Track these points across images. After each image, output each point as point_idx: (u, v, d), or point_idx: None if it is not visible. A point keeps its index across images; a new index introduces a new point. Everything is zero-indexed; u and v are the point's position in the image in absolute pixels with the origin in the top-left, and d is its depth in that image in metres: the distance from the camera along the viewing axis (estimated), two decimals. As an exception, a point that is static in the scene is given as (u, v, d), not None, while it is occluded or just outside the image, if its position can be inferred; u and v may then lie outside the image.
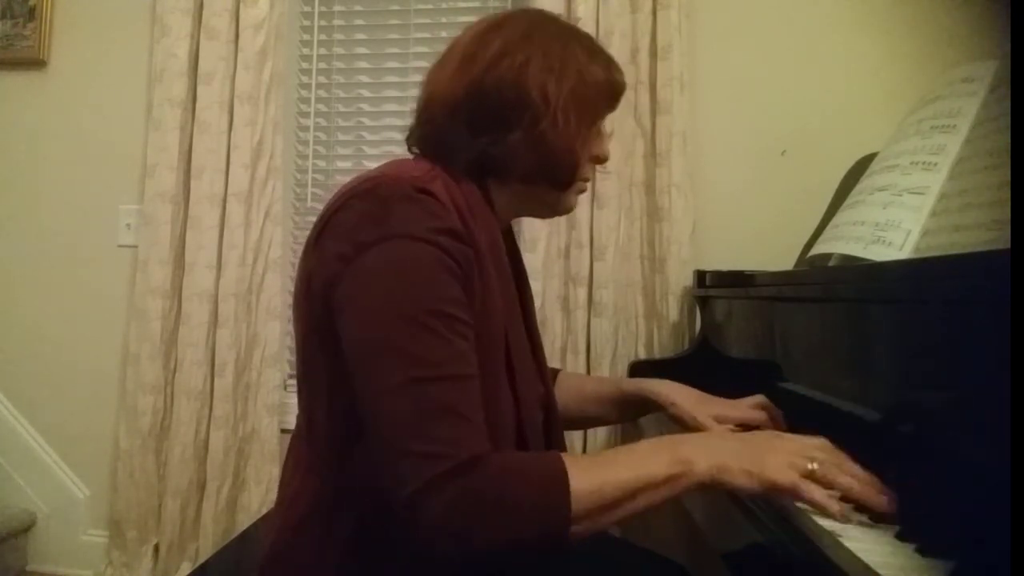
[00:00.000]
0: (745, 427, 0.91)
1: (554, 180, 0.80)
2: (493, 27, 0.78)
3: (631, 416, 1.06)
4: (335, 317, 0.65)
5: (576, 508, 0.58)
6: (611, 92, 0.82)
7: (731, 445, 0.65)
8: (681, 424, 0.93)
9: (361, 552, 0.67)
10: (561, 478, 0.59)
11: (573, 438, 1.65)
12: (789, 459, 0.62)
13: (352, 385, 0.63)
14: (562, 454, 0.62)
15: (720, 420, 0.91)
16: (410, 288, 0.62)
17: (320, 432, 0.71)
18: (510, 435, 0.72)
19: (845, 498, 0.61)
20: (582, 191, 0.86)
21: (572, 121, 0.76)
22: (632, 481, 0.61)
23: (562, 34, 0.79)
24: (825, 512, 0.60)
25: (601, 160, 0.85)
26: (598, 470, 0.61)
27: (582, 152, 0.80)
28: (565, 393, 1.00)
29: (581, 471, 0.60)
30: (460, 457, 0.57)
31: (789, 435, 0.67)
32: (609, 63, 0.81)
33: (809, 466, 0.61)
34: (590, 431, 1.65)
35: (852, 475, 0.62)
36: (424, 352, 0.60)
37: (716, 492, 0.68)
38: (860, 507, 0.61)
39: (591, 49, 0.80)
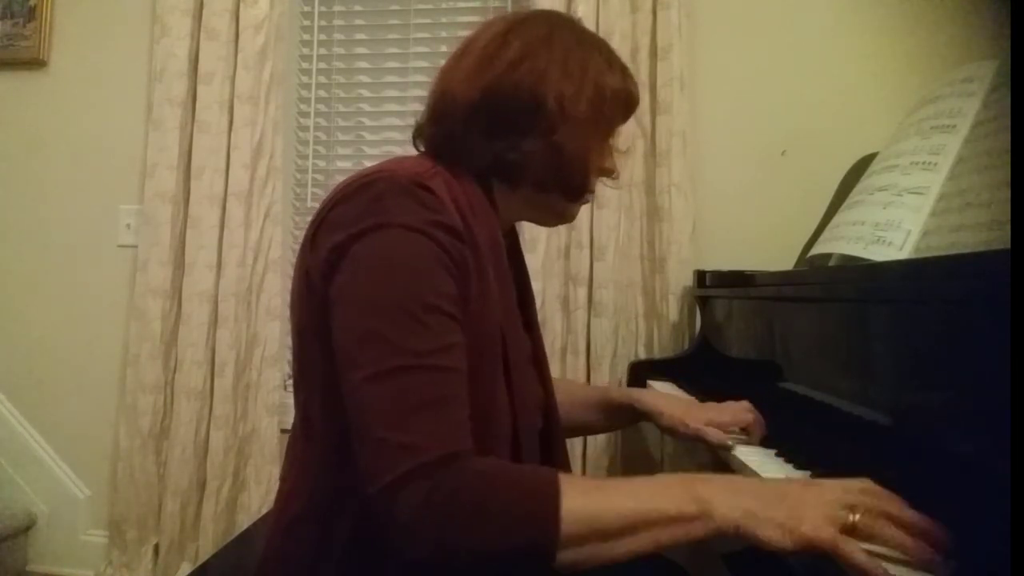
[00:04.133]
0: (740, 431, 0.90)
1: (565, 189, 0.79)
2: (513, 27, 0.76)
3: (621, 424, 1.05)
4: (329, 310, 0.63)
5: (566, 529, 0.53)
6: (627, 103, 0.81)
7: (761, 490, 0.58)
8: (674, 434, 0.93)
9: (358, 555, 0.65)
10: (551, 492, 0.54)
11: (573, 444, 1.64)
12: (828, 511, 0.53)
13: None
14: (560, 472, 0.57)
15: (711, 425, 0.89)
16: (401, 277, 0.60)
17: (316, 431, 0.69)
18: (505, 441, 0.70)
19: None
20: (586, 202, 0.84)
21: (588, 131, 0.75)
22: (635, 512, 0.55)
23: (582, 40, 0.78)
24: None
25: (608, 174, 0.83)
26: (597, 493, 0.56)
27: (593, 164, 0.79)
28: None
29: (577, 491, 0.55)
30: (438, 452, 0.54)
31: (827, 481, 0.57)
32: (625, 73, 0.80)
33: (851, 518, 0.52)
34: (590, 438, 1.65)
35: (901, 523, 0.52)
36: (410, 342, 0.58)
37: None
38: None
39: (609, 58, 0.79)
